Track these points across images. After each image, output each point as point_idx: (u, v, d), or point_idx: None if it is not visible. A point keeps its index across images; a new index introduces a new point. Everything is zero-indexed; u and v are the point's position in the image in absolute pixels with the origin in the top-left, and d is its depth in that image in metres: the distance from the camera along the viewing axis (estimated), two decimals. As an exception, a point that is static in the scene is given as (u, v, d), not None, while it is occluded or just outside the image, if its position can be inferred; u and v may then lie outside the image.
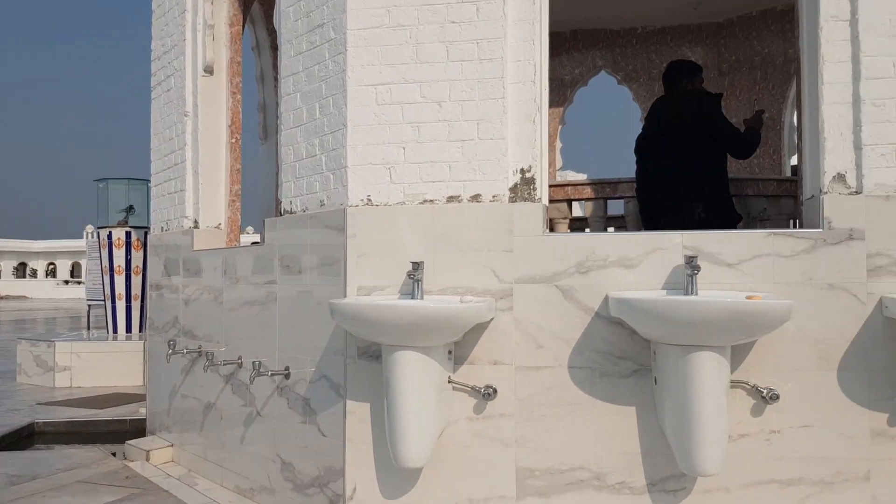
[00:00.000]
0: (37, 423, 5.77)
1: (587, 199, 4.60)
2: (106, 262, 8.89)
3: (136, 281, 8.93)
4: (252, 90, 7.19)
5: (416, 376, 2.84)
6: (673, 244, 2.94)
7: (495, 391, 3.01)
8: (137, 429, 5.76)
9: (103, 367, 7.84)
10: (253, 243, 5.36)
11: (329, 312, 2.95)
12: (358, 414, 3.15)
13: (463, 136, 3.12)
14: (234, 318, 4.05)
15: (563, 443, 2.98)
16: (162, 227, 5.07)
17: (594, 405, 2.97)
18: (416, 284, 3.02)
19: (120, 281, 8.85)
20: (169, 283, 4.86)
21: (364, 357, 3.15)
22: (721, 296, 2.77)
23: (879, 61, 2.83)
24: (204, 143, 4.67)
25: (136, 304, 8.94)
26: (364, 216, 3.18)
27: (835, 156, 2.87)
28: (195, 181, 4.69)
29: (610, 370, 2.96)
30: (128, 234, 8.87)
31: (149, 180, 9.18)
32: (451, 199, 3.13)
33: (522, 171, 3.10)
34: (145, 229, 9.06)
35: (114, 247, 8.83)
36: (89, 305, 11.04)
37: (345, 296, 3.16)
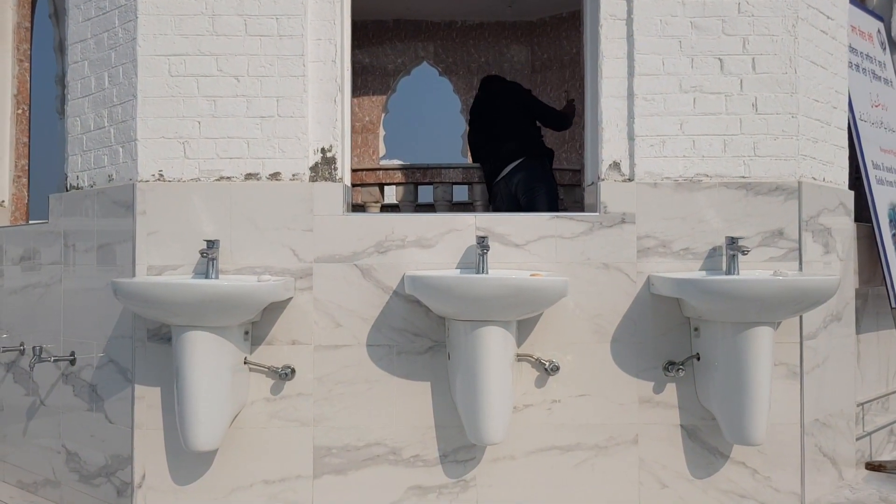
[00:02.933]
0: None
1: (398, 184, 4.67)
2: None
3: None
4: (50, 61, 6.67)
5: (207, 357, 2.77)
6: (467, 225, 3.05)
7: (293, 371, 3.00)
8: None
9: None
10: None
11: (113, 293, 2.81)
12: (147, 399, 3.02)
13: (262, 113, 3.07)
14: (16, 303, 3.74)
15: (360, 420, 3.02)
16: (-66, 204, 4.57)
17: (391, 382, 3.03)
18: (210, 263, 2.93)
19: None
20: (-59, 266, 4.40)
21: (154, 340, 3.02)
22: (507, 273, 2.92)
23: (651, 59, 3.09)
24: (-17, 112, 4.27)
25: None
26: (155, 192, 3.04)
27: (611, 145, 3.11)
28: (-27, 154, 4.28)
29: (407, 347, 3.03)
30: None
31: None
32: (249, 176, 3.07)
33: (323, 151, 3.10)
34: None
35: None
36: None
37: (134, 275, 3.02)
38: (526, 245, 3.05)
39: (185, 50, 3.08)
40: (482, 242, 2.92)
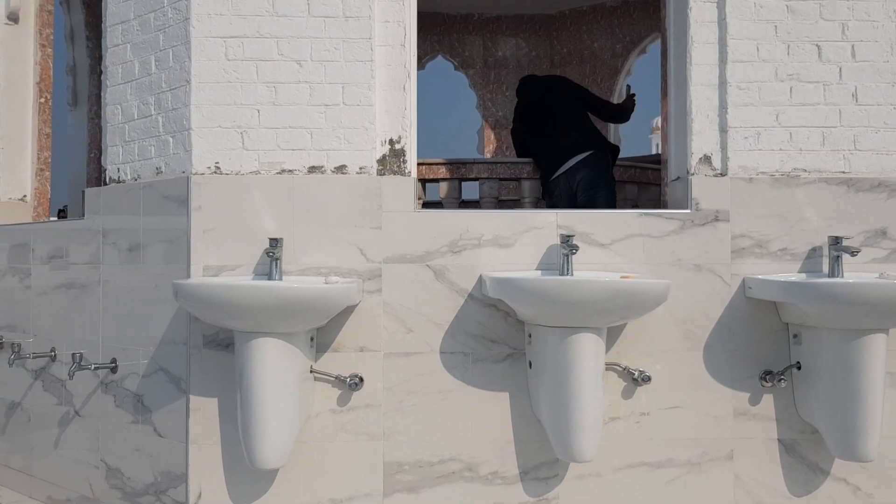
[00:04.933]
0: None
1: (443, 180, 4.43)
2: None
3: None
4: (60, 50, 6.39)
5: (275, 366, 2.53)
6: (547, 222, 2.83)
7: (361, 380, 2.76)
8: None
9: None
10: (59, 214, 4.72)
11: (172, 295, 2.57)
12: (204, 411, 2.77)
13: (326, 101, 2.83)
14: (46, 304, 3.48)
15: (433, 433, 2.79)
16: (-51, 199, 4.30)
17: (467, 392, 2.80)
18: (274, 263, 2.70)
19: None
20: (-41, 265, 4.13)
21: (211, 346, 2.78)
22: (600, 276, 2.70)
23: (744, 44, 2.88)
24: (6, 101, 3.99)
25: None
26: (212, 186, 2.79)
27: (701, 138, 2.89)
28: (-6, 145, 4.01)
29: (483, 355, 2.80)
30: None
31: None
32: (312, 169, 2.83)
33: (391, 142, 2.86)
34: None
35: None
36: None
37: (188, 276, 2.77)
38: (611, 245, 2.83)
39: (244, 32, 2.83)
40: (567, 242, 2.69)
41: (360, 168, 2.83)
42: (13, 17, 4.04)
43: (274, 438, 2.54)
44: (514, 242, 2.82)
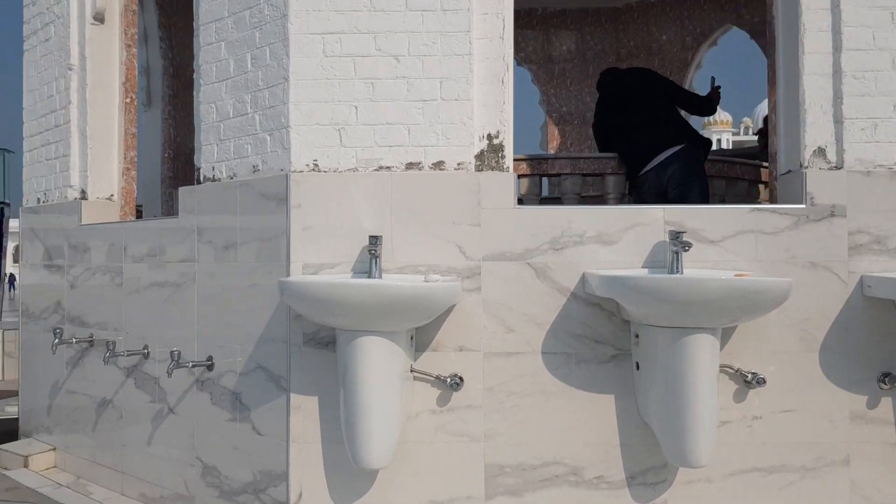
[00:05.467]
0: None
1: (523, 176, 4.35)
2: (-46, 242, 7.81)
3: (-8, 262, 7.91)
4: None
5: (379, 365, 2.49)
6: (653, 219, 2.73)
7: (462, 380, 2.71)
8: (5, 430, 5.02)
9: (-46, 360, 6.88)
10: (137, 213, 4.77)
11: (271, 293, 2.56)
12: (304, 409, 2.75)
13: (424, 96, 2.78)
14: (138, 303, 3.51)
15: (536, 436, 2.72)
16: (39, 199, 4.38)
17: (570, 394, 2.72)
18: (374, 261, 2.66)
19: (-29, 263, 7.80)
20: (49, 263, 4.21)
21: (311, 345, 2.76)
22: (715, 274, 2.60)
23: (860, 32, 2.74)
24: (93, 101, 4.05)
25: (-9, 289, 7.93)
26: (310, 184, 2.77)
27: (815, 129, 2.76)
28: (82, 145, 4.06)
29: (587, 355, 2.72)
30: (-20, 211, 7.83)
31: (6, 149, 8.19)
32: (410, 165, 2.78)
33: (490, 137, 2.80)
34: (2, 205, 8.05)
35: (-36, 224, 7.77)
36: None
37: (288, 274, 2.75)
38: (722, 241, 2.72)
39: (341, 28, 2.80)
40: (678, 238, 2.59)
41: (459, 164, 2.77)
42: (99, 18, 4.09)
43: (379, 438, 2.50)
44: (618, 239, 2.73)
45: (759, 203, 4.69)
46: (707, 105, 4.23)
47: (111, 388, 3.67)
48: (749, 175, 4.65)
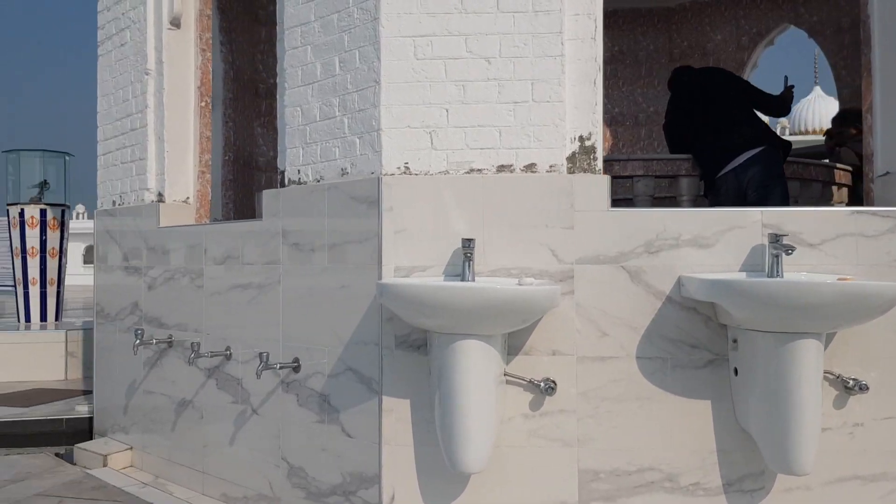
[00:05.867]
0: (-46, 424, 5.01)
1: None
2: (17, 243, 7.98)
3: (52, 264, 8.07)
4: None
5: (477, 369, 2.48)
6: (751, 222, 2.69)
7: (555, 385, 2.69)
8: (76, 429, 5.11)
9: (18, 359, 7.01)
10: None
11: (365, 295, 2.59)
12: (396, 412, 2.76)
13: (515, 98, 2.77)
14: (219, 304, 3.55)
15: (630, 441, 2.69)
16: (114, 202, 4.45)
17: (665, 399, 2.69)
18: (467, 264, 2.65)
19: (34, 264, 7.96)
20: (125, 265, 4.27)
21: (403, 347, 2.76)
22: (820, 277, 2.54)
23: (966, 29, 2.67)
24: (170, 105, 4.11)
25: (51, 290, 8.09)
26: (402, 187, 2.77)
27: (918, 129, 2.69)
28: (159, 149, 4.12)
29: (683, 360, 2.68)
30: (42, 213, 7.98)
31: (66, 153, 8.36)
32: (501, 168, 2.77)
33: (581, 139, 2.78)
34: (62, 207, 8.22)
35: (26, 226, 7.93)
36: (-10, 291, 10.03)
37: (380, 277, 2.76)
38: (821, 244, 2.66)
39: (432, 30, 2.80)
40: (778, 241, 2.54)
41: (551, 166, 2.75)
42: (175, 23, 4.14)
43: (477, 442, 2.49)
44: (714, 242, 2.69)
45: (833, 205, 4.60)
46: (782, 105, 4.16)
47: (191, 389, 3.71)
48: (823, 176, 4.57)
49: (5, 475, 3.67)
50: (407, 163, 2.79)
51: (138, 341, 3.78)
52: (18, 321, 8.17)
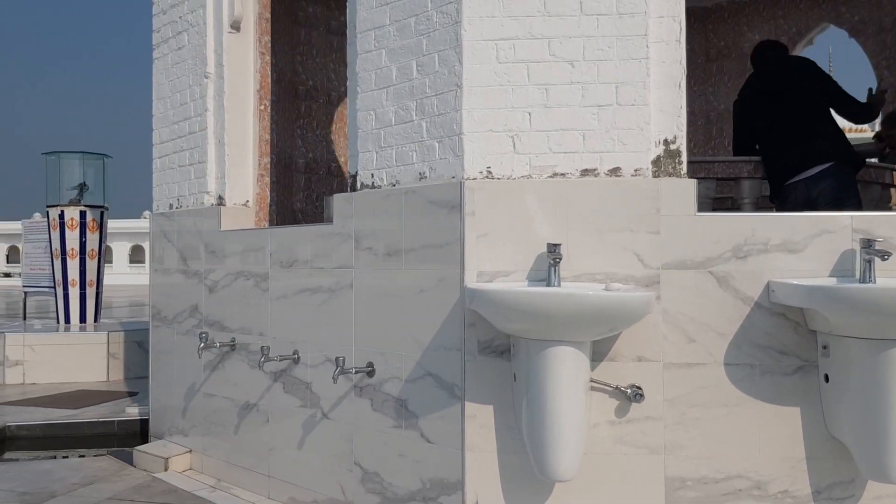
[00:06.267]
0: (8, 426, 5.05)
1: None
2: (57, 245, 8.04)
3: (92, 265, 8.14)
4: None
5: (570, 375, 2.47)
6: (841, 226, 2.65)
7: (643, 392, 2.66)
8: (128, 431, 5.16)
9: (61, 361, 7.06)
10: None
11: (446, 299, 2.58)
12: (480, 418, 2.74)
13: (599, 101, 2.74)
14: (286, 308, 3.54)
15: (718, 449, 2.66)
16: (171, 204, 4.47)
17: (753, 406, 2.65)
18: (553, 269, 2.63)
19: (73, 265, 8.03)
20: (182, 268, 4.28)
21: (486, 353, 2.74)
22: (918, 284, 2.50)
23: None
24: (230, 109, 4.11)
25: (91, 291, 8.15)
26: (484, 191, 2.75)
27: None
28: (219, 152, 4.13)
29: (771, 367, 2.65)
30: (82, 214, 8.05)
31: (105, 154, 8.41)
32: (585, 172, 2.75)
33: (666, 143, 2.75)
34: (101, 208, 8.28)
35: (66, 228, 8.00)
36: (26, 293, 10.10)
37: (462, 282, 2.74)
38: (914, 250, 2.62)
39: (515, 33, 2.78)
40: (870, 247, 2.50)
41: (635, 170, 2.73)
42: (236, 26, 4.15)
43: (568, 450, 2.47)
44: (804, 247, 2.65)
45: (892, 208, 4.53)
46: (867, 112, 3.94)
47: (256, 392, 3.71)
48: (882, 178, 4.50)
49: (73, 478, 3.68)
50: (489, 167, 2.77)
51: (203, 344, 3.78)
52: (58, 322, 8.23)
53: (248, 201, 4.18)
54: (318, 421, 3.36)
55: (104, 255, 8.25)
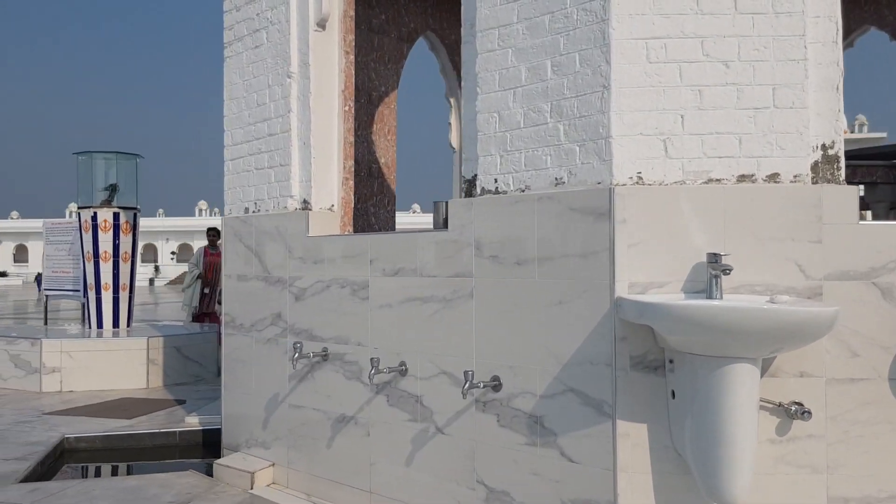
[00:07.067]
0: (66, 438, 4.87)
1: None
2: (89, 248, 7.85)
3: (125, 269, 7.95)
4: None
5: (746, 393, 2.34)
6: None
7: (807, 410, 2.53)
8: (190, 442, 5.01)
9: (99, 367, 6.89)
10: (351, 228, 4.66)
11: (591, 311, 2.44)
12: (632, 437, 2.60)
13: (755, 104, 2.62)
14: (389, 318, 3.40)
15: (883, 467, 2.54)
16: (247, 208, 4.31)
17: (923, 423, 2.53)
18: (714, 280, 2.49)
19: (106, 269, 7.84)
20: (263, 274, 4.13)
21: (638, 369, 2.61)
22: None
23: None
24: (316, 110, 3.96)
25: (123, 295, 7.96)
26: (636, 198, 2.62)
27: None
28: (304, 154, 3.98)
29: (941, 382, 2.53)
30: (115, 216, 7.86)
31: (137, 154, 8.22)
32: (742, 178, 2.62)
33: (824, 147, 2.63)
34: (134, 210, 8.09)
35: (99, 230, 7.80)
36: (47, 296, 9.90)
37: (612, 293, 2.60)
38: None
39: (666, 32, 2.65)
40: None
41: (795, 176, 2.60)
42: (322, 24, 4.00)
43: (743, 471, 2.35)
44: (973, 258, 2.54)
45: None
46: None
47: (354, 404, 3.56)
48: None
49: (166, 496, 3.51)
50: (639, 172, 2.64)
51: (297, 354, 3.63)
52: (89, 327, 8.04)
53: (332, 205, 4.03)
54: (430, 436, 3.21)
55: (137, 258, 8.07)
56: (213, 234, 10.70)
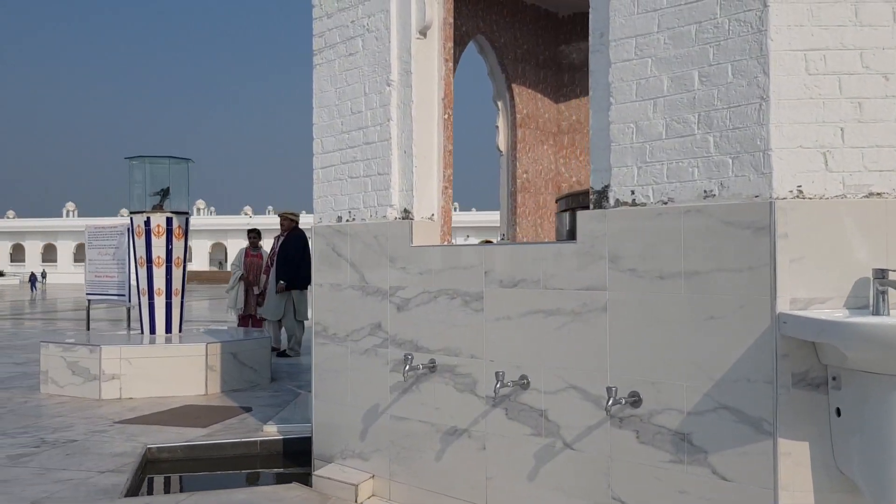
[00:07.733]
0: (150, 448, 4.83)
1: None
2: (142, 253, 7.81)
3: (177, 273, 7.91)
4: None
5: (929, 414, 2.28)
6: None
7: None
8: (270, 451, 4.97)
9: (159, 374, 6.86)
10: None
11: (747, 327, 2.40)
12: (794, 456, 2.55)
13: (917, 117, 2.57)
14: (509, 330, 3.35)
15: None
16: (340, 217, 4.27)
17: None
18: (881, 297, 2.45)
19: (159, 274, 7.81)
20: (360, 283, 4.08)
21: (801, 386, 2.56)
22: None
23: None
24: (418, 118, 3.92)
25: (176, 301, 7.93)
26: (798, 212, 2.57)
27: None
28: (405, 163, 3.94)
29: None
30: (168, 221, 7.82)
31: (188, 159, 8.19)
32: (904, 192, 2.57)
33: None
34: (185, 215, 8.06)
35: (152, 235, 7.77)
36: (90, 300, 9.89)
37: (773, 310, 2.55)
38: None
39: (825, 44, 2.60)
40: None
41: (958, 191, 2.55)
42: (423, 32, 3.96)
43: (926, 494, 2.29)
44: None
45: None
46: None
47: (466, 417, 3.52)
48: None
49: (282, 510, 3.47)
50: (800, 185, 2.59)
51: (408, 366, 3.58)
52: (141, 332, 8.01)
53: (433, 215, 3.99)
54: (557, 451, 3.16)
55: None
56: (254, 235, 10.72)
